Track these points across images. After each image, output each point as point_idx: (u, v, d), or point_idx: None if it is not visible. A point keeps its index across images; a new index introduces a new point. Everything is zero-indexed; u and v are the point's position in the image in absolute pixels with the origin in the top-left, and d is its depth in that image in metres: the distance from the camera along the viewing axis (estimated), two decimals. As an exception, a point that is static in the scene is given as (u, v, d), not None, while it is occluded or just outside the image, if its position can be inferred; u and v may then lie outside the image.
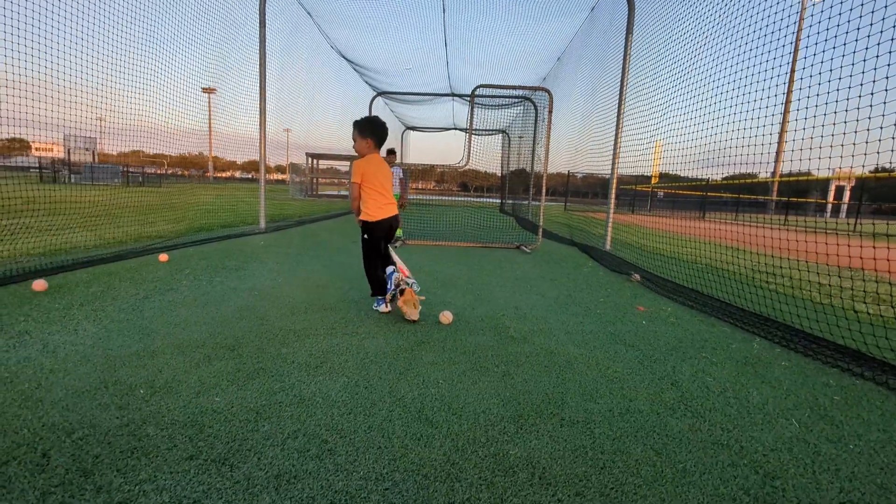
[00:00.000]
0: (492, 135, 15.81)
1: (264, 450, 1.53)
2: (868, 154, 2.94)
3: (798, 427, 1.90)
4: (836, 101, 3.08)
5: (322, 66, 11.92)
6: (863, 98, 2.90)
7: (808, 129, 3.43)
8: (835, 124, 3.10)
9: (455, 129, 20.74)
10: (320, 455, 1.52)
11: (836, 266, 5.71)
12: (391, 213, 3.23)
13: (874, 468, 1.63)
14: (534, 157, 11.69)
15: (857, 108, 2.92)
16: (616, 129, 6.96)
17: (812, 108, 3.37)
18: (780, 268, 5.26)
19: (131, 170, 26.34)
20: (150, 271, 4.12)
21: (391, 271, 3.28)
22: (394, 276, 3.26)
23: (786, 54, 4.15)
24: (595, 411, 1.93)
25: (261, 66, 7.72)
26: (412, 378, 2.17)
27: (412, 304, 3.01)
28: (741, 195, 26.37)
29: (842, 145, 3.06)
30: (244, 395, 1.90)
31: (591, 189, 33.24)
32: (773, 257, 5.83)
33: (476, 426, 1.76)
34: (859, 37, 2.99)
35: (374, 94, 11.91)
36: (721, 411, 2.00)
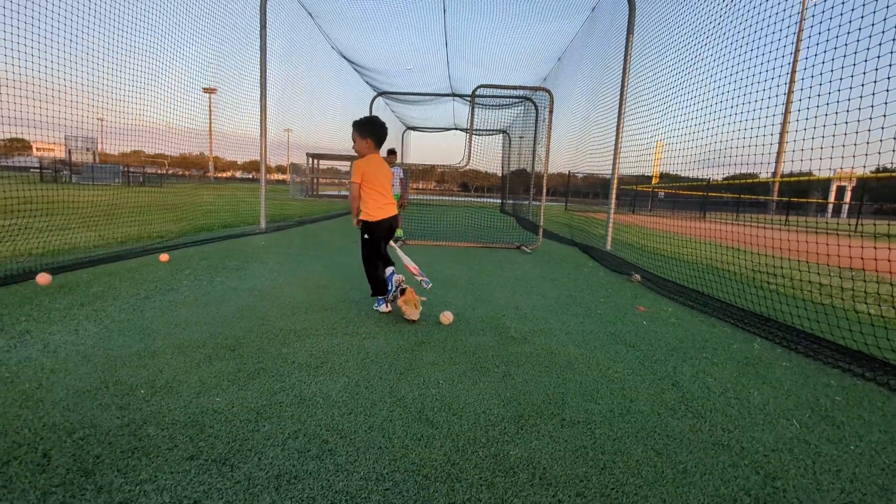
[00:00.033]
0: (492, 135, 15.80)
1: (265, 450, 1.53)
2: (869, 154, 2.94)
3: (799, 428, 1.90)
4: (838, 101, 3.08)
5: (323, 66, 11.93)
6: (864, 98, 2.90)
7: (809, 130, 3.43)
8: (836, 124, 3.10)
9: (456, 129, 20.75)
10: (321, 455, 1.52)
11: (836, 266, 5.71)
12: (391, 213, 3.24)
13: (875, 469, 1.63)
14: (534, 157, 11.68)
15: (859, 108, 2.92)
16: (617, 128, 6.96)
17: (813, 109, 3.37)
18: (781, 268, 5.26)
19: (132, 170, 26.38)
20: (151, 271, 4.12)
21: (391, 272, 3.28)
22: (394, 276, 3.26)
23: (787, 54, 4.15)
24: (596, 412, 1.93)
25: (261, 66, 7.73)
26: (413, 378, 2.17)
27: (413, 304, 3.01)
28: (742, 195, 26.35)
29: (843, 146, 3.06)
30: (245, 396, 1.90)
31: (591, 189, 33.20)
32: (773, 258, 5.83)
33: (476, 426, 1.76)
34: (861, 37, 2.99)
35: (375, 94, 11.92)
36: (722, 412, 1.99)
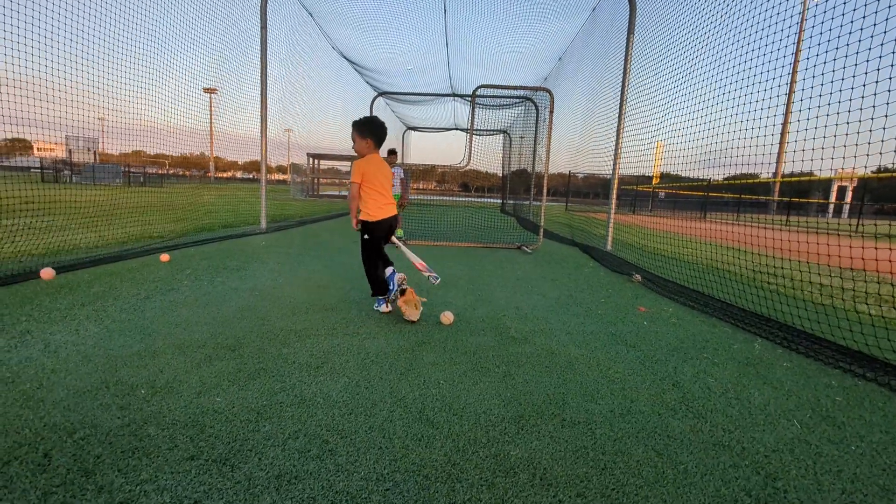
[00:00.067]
0: (493, 135, 15.81)
1: (265, 450, 1.53)
2: (870, 154, 2.94)
3: (800, 428, 1.90)
4: (839, 101, 3.08)
5: (323, 66, 11.93)
6: (865, 98, 2.90)
7: (810, 130, 3.42)
8: (837, 125, 3.10)
9: (456, 129, 20.75)
10: (321, 455, 1.52)
11: (837, 267, 5.70)
12: (391, 213, 3.24)
13: (876, 470, 1.63)
14: (535, 157, 11.68)
15: (861, 108, 2.92)
16: (617, 129, 6.95)
17: (814, 109, 3.37)
18: (782, 268, 5.25)
19: (133, 170, 26.41)
20: (152, 271, 4.13)
21: (392, 271, 3.28)
22: (396, 275, 3.27)
23: (788, 54, 4.14)
24: (596, 412, 1.93)
25: (262, 66, 7.74)
26: (413, 378, 2.16)
27: (413, 304, 3.01)
28: (742, 195, 26.34)
29: (844, 146, 3.06)
30: (245, 396, 1.90)
31: (592, 189, 33.16)
32: (774, 258, 5.82)
33: (477, 427, 1.76)
34: (862, 37, 2.99)
35: (376, 94, 11.92)
36: (722, 412, 1.99)
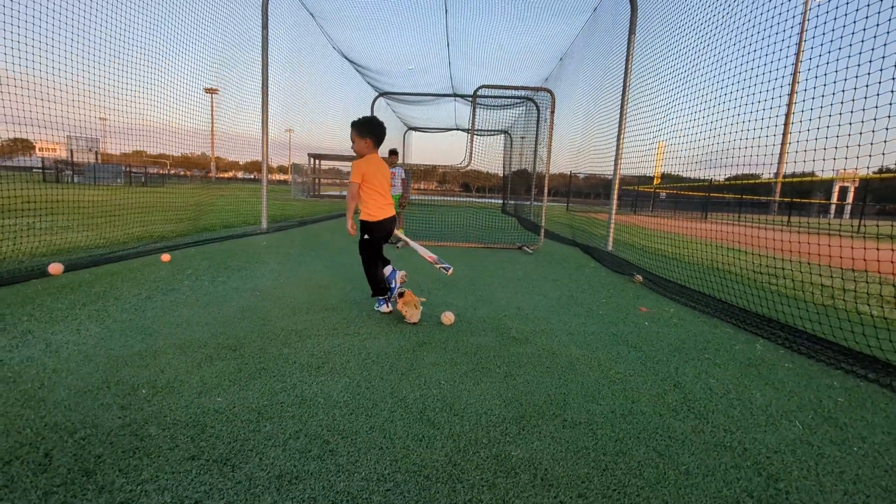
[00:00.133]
0: (494, 135, 15.81)
1: (266, 450, 1.53)
2: (873, 155, 2.93)
3: (802, 429, 1.89)
4: (842, 101, 3.07)
5: (324, 66, 11.93)
6: (868, 99, 2.89)
7: (812, 130, 3.41)
8: (839, 125, 3.09)
9: (457, 129, 20.74)
10: (322, 455, 1.52)
11: (839, 268, 5.69)
12: (391, 213, 3.25)
13: (879, 471, 1.62)
14: (536, 157, 11.68)
15: (863, 108, 2.91)
16: (619, 129, 6.94)
17: (816, 109, 3.36)
18: (783, 269, 5.24)
19: (134, 170, 26.45)
20: (153, 271, 4.13)
21: (391, 271, 3.29)
22: (396, 274, 3.27)
23: (790, 55, 4.13)
24: (597, 412, 1.92)
25: (263, 67, 7.74)
26: (414, 379, 2.16)
27: (412, 304, 3.00)
28: (744, 196, 26.30)
29: (846, 146, 3.05)
30: (246, 396, 1.90)
31: (593, 189, 33.09)
32: (775, 258, 5.81)
33: (478, 427, 1.76)
34: (865, 37, 2.98)
35: (377, 94, 11.93)
36: (724, 413, 1.99)
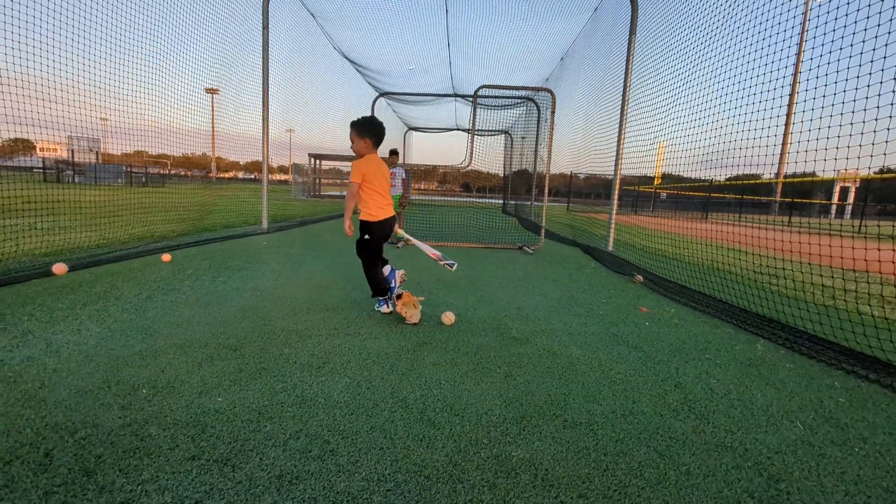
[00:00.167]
0: (494, 135, 15.81)
1: (266, 450, 1.53)
2: (874, 155, 2.93)
3: (803, 429, 1.89)
4: (843, 101, 3.06)
5: (325, 66, 11.93)
6: (869, 99, 2.88)
7: (813, 130, 3.41)
8: (840, 125, 3.09)
9: (458, 129, 20.74)
10: (322, 456, 1.52)
11: (840, 268, 5.68)
12: (391, 213, 3.25)
13: (880, 471, 1.62)
14: (536, 157, 11.68)
15: (864, 109, 2.90)
16: (619, 129, 6.94)
17: (817, 109, 3.35)
18: (784, 269, 5.24)
19: (134, 170, 26.45)
20: (153, 271, 4.13)
21: (390, 270, 3.29)
22: (396, 273, 3.28)
23: (791, 55, 4.13)
24: (598, 413, 1.92)
25: (264, 67, 7.74)
26: (414, 379, 2.16)
27: (411, 304, 3.00)
28: (744, 196, 26.28)
29: (847, 147, 3.04)
30: (246, 396, 1.90)
31: (593, 190, 33.08)
32: (776, 259, 5.80)
33: (478, 427, 1.75)
34: (866, 37, 2.97)
35: (377, 94, 11.93)
36: (725, 413, 1.98)
